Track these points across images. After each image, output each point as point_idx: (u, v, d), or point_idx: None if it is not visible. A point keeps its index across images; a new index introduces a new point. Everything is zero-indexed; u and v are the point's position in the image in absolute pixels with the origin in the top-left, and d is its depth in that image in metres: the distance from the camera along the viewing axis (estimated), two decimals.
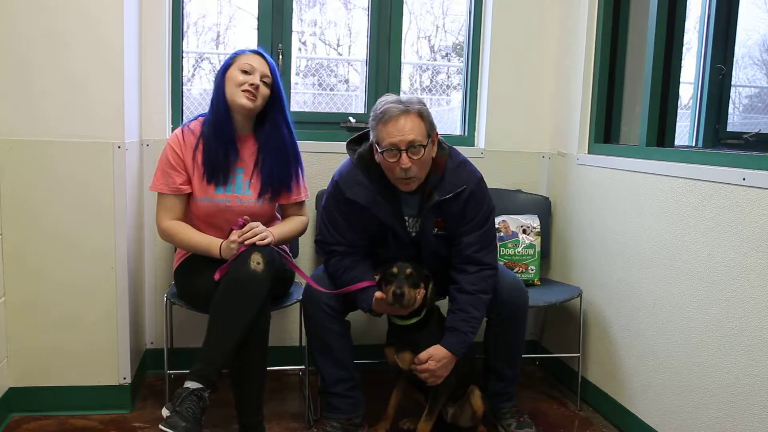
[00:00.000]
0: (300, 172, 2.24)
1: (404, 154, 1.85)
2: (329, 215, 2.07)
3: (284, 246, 2.26)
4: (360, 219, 2.02)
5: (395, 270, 1.95)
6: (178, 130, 2.15)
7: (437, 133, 1.96)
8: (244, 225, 1.99)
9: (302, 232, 2.27)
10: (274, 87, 2.12)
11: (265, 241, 1.97)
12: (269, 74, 2.11)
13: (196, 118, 2.17)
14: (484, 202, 2.04)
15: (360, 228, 2.04)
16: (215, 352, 1.84)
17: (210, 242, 2.06)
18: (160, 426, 1.68)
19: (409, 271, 1.95)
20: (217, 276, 1.94)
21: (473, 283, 1.99)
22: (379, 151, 1.90)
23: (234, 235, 1.97)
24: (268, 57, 2.14)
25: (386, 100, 1.92)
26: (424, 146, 1.88)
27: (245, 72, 2.07)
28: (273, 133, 2.14)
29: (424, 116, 1.89)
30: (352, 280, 2.01)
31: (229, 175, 2.12)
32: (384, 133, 1.87)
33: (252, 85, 2.06)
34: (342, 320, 2.06)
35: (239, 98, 2.06)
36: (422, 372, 1.96)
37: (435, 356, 1.95)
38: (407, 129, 1.85)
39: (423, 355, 1.96)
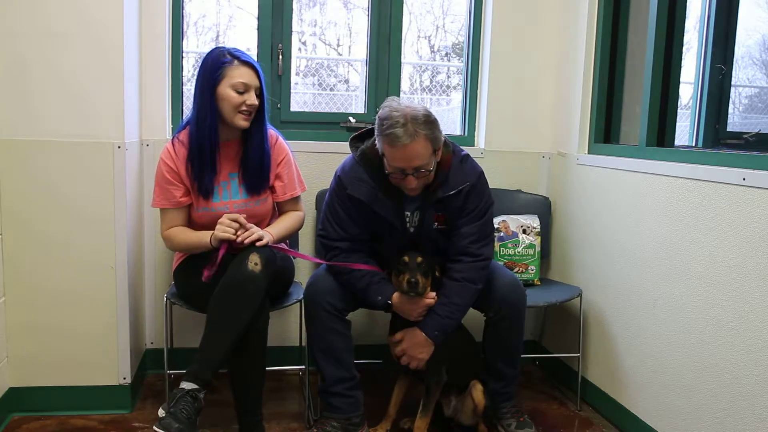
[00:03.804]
0: (291, 160, 2.23)
1: (410, 177, 1.90)
2: (332, 210, 2.08)
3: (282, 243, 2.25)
4: (361, 214, 2.03)
5: (406, 258, 1.98)
6: (168, 144, 2.13)
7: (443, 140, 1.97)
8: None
9: (300, 227, 2.27)
10: (261, 94, 2.09)
11: (263, 241, 1.97)
12: (260, 84, 2.07)
13: (184, 127, 2.13)
14: (484, 195, 2.06)
15: (362, 222, 2.05)
16: (212, 353, 1.84)
17: (202, 236, 2.06)
18: (154, 427, 1.68)
19: (419, 259, 1.98)
20: (204, 275, 1.94)
21: (461, 271, 2.02)
22: (385, 165, 1.93)
23: (223, 220, 1.98)
24: (258, 66, 2.08)
25: (393, 116, 1.83)
26: (431, 169, 1.91)
27: (240, 92, 2.02)
28: (260, 135, 2.13)
29: (430, 137, 1.86)
30: (364, 275, 2.02)
31: (222, 182, 2.12)
32: (390, 155, 1.89)
33: (250, 105, 2.04)
34: (343, 319, 2.07)
35: (238, 121, 2.04)
36: (400, 353, 2.02)
37: (407, 335, 2.00)
38: (414, 155, 1.85)
39: (399, 334, 2.02)
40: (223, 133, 2.10)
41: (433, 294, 2.01)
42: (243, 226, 1.99)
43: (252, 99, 2.04)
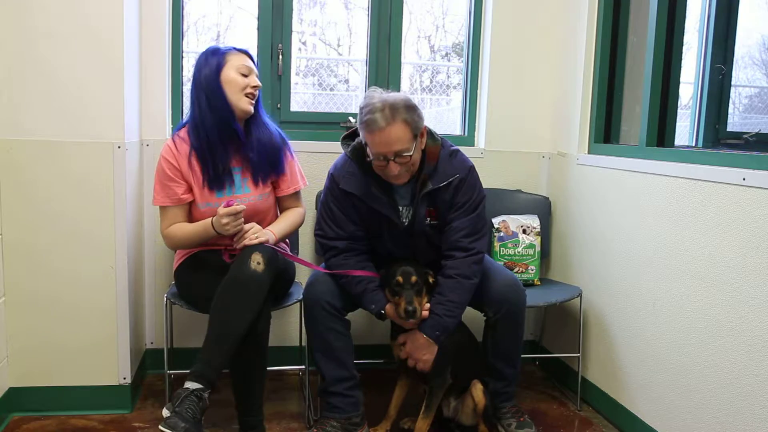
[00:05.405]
0: (291, 155, 2.24)
1: (391, 162, 1.90)
2: (327, 209, 2.09)
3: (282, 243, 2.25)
4: (356, 210, 2.04)
5: (400, 279, 1.96)
6: (169, 141, 2.13)
7: (425, 127, 1.98)
8: (230, 204, 1.98)
9: (301, 223, 2.28)
10: None
11: (260, 239, 1.98)
12: (256, 72, 2.13)
13: (183, 125, 2.14)
14: (475, 189, 2.06)
15: (357, 219, 2.06)
16: (215, 353, 1.84)
17: (204, 225, 2.05)
18: (160, 427, 1.67)
19: (414, 279, 1.96)
20: (226, 258, 1.97)
21: (455, 268, 2.01)
22: (368, 153, 1.94)
23: (221, 210, 1.96)
24: (252, 55, 2.15)
25: (372, 103, 1.88)
26: (411, 153, 1.91)
27: (244, 75, 2.07)
28: (259, 127, 2.15)
29: (409, 122, 1.88)
30: (360, 281, 2.02)
31: (226, 176, 2.12)
32: (370, 141, 1.91)
33: (254, 87, 2.08)
34: (343, 319, 2.07)
35: (244, 104, 2.06)
36: (405, 356, 2.02)
37: (409, 338, 2.00)
38: (393, 140, 1.87)
39: (401, 337, 2.01)
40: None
41: (428, 305, 2.00)
42: (239, 213, 1.97)
43: (255, 81, 2.09)
